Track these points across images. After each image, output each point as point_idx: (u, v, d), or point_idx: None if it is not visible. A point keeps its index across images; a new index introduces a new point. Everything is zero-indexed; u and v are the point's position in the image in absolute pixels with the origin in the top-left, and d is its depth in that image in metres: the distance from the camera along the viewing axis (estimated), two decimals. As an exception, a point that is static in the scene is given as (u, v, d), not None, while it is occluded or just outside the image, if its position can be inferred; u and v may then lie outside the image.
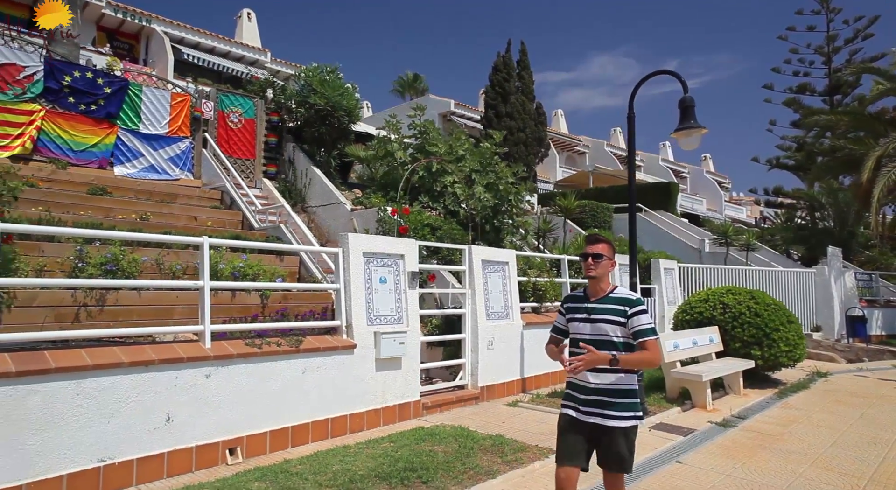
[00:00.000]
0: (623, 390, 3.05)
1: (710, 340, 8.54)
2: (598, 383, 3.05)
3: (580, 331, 3.18)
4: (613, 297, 3.16)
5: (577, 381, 3.16)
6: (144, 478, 4.40)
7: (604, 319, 3.10)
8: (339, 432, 5.75)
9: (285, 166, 12.65)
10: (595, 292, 3.21)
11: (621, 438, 3.02)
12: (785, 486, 4.69)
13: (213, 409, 4.84)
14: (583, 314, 3.18)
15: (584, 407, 3.09)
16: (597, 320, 3.12)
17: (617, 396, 3.04)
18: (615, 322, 3.08)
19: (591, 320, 3.14)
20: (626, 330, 3.07)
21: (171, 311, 6.27)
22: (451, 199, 10.48)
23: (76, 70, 9.91)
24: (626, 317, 3.06)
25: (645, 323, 3.04)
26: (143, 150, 10.69)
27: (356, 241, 6.23)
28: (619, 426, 3.01)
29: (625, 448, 3.03)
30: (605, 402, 3.04)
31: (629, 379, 3.09)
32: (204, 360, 4.83)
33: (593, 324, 3.13)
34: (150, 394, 4.49)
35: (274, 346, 5.32)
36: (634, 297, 3.15)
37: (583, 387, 3.12)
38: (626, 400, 3.05)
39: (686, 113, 6.56)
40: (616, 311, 3.09)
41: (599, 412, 3.04)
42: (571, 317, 3.25)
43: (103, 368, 4.25)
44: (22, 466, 3.85)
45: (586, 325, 3.15)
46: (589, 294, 3.24)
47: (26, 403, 3.89)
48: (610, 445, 3.03)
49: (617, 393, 3.04)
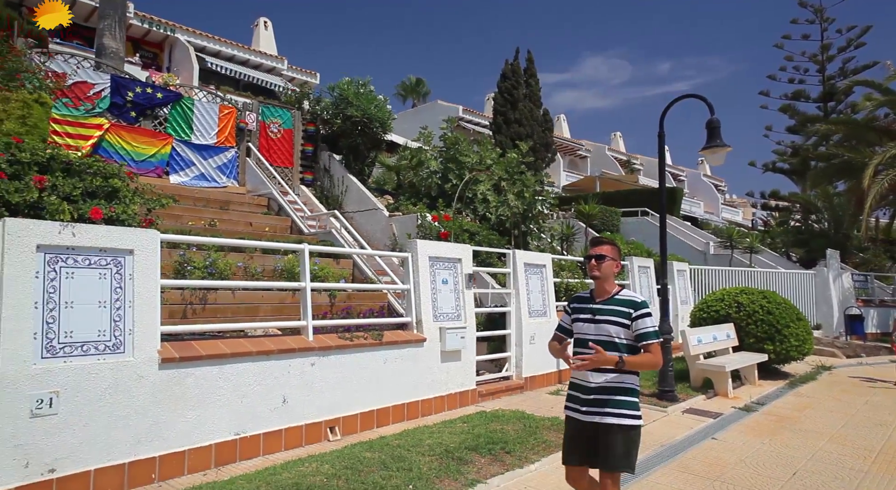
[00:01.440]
0: (624, 389, 3.07)
1: (727, 336, 9.38)
2: (599, 382, 3.07)
3: (584, 331, 3.20)
4: (619, 298, 3.17)
5: (579, 381, 3.19)
6: (268, 450, 5.16)
7: (608, 320, 3.12)
8: (413, 415, 6.52)
9: (321, 174, 13.40)
10: (601, 293, 3.24)
11: (619, 436, 3.01)
12: (808, 456, 5.50)
13: (316, 393, 5.60)
14: (588, 314, 3.21)
15: (585, 406, 3.11)
16: (601, 321, 3.14)
17: (617, 394, 3.06)
18: (619, 323, 3.09)
19: (595, 321, 3.16)
20: (629, 332, 3.08)
21: (258, 309, 7.02)
22: (483, 205, 11.26)
23: (138, 86, 10.63)
24: (631, 319, 3.08)
25: (649, 326, 3.06)
26: (195, 159, 11.42)
27: (423, 246, 7.01)
28: (616, 424, 3.01)
29: (621, 446, 3.01)
30: (605, 401, 3.06)
31: (631, 378, 3.11)
32: (310, 350, 5.59)
33: (597, 324, 3.14)
34: (270, 378, 5.25)
35: (362, 340, 6.08)
36: (640, 300, 3.15)
37: (584, 386, 3.14)
38: (627, 398, 3.07)
39: (713, 133, 7.38)
40: (621, 312, 3.11)
41: (599, 411, 3.06)
42: (577, 317, 3.28)
43: (237, 356, 5.01)
44: (184, 436, 4.60)
45: (590, 326, 3.17)
46: (595, 295, 3.27)
47: (185, 382, 4.65)
48: (606, 443, 3.02)
49: (617, 391, 3.06)
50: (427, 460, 4.79)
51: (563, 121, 39.27)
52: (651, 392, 7.88)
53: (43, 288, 4.03)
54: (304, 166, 13.35)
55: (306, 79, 25.53)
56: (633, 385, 3.10)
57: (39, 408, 3.90)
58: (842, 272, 17.40)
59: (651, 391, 7.91)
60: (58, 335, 4.06)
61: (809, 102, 34.13)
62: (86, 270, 4.25)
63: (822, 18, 34.22)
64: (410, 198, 12.25)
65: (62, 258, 4.14)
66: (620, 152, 39.80)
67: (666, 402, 7.45)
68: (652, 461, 5.29)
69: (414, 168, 12.15)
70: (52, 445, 3.95)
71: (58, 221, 4.16)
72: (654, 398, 7.64)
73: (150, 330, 4.51)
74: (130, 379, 4.35)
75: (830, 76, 33.92)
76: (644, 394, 7.92)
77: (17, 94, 7.49)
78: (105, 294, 4.32)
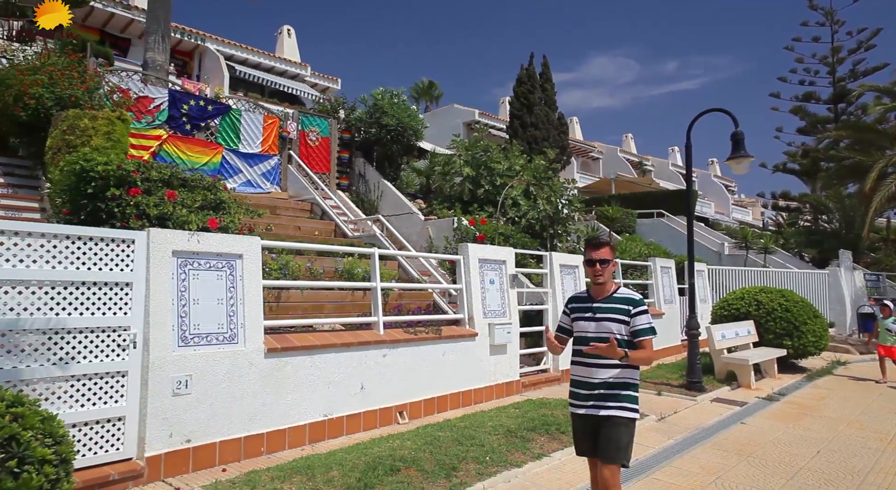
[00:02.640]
0: (625, 383, 3.20)
1: (747, 332, 9.99)
2: (603, 378, 3.19)
3: (585, 329, 3.30)
4: (618, 297, 3.29)
5: (582, 379, 3.29)
6: (350, 430, 5.85)
7: (608, 318, 3.23)
8: (467, 402, 7.20)
9: (356, 179, 14.10)
10: (599, 293, 3.35)
11: (620, 429, 3.13)
12: (829, 439, 6.13)
13: (387, 381, 6.29)
14: (588, 313, 3.31)
15: (588, 401, 3.23)
16: (601, 319, 3.25)
17: (619, 389, 3.19)
18: (619, 320, 3.21)
19: (595, 319, 3.27)
20: (627, 328, 3.20)
21: (322, 307, 7.71)
22: (514, 209, 11.92)
23: (192, 99, 11.37)
24: (630, 316, 3.20)
25: (645, 323, 3.20)
26: (242, 166, 12.14)
27: (474, 249, 7.68)
28: (617, 416, 3.14)
29: (622, 438, 3.12)
30: (606, 395, 3.18)
31: (633, 374, 3.23)
32: (382, 343, 6.27)
33: (598, 322, 3.26)
34: (350, 367, 5.93)
35: (424, 334, 6.77)
36: (637, 298, 3.29)
37: (587, 382, 3.25)
38: (628, 392, 3.20)
39: (737, 145, 8.03)
40: (620, 310, 3.23)
41: (601, 405, 3.18)
42: (577, 316, 3.38)
43: (325, 347, 5.70)
44: (284, 416, 5.30)
45: (591, 324, 3.28)
46: (593, 294, 3.38)
47: (285, 370, 5.34)
48: (606, 436, 3.14)
49: (619, 386, 3.19)
50: (494, 438, 5.45)
51: (576, 123, 39.85)
52: (680, 383, 8.52)
53: (176, 287, 4.74)
54: (339, 172, 14.05)
55: (328, 85, 26.29)
56: (635, 381, 3.23)
57: (178, 388, 4.60)
58: (854, 272, 17.93)
59: (679, 383, 8.55)
60: (189, 327, 4.76)
61: (820, 104, 34.49)
62: (207, 272, 4.95)
63: (832, 21, 34.61)
64: (443, 202, 12.92)
65: (190, 262, 4.85)
66: (632, 153, 40.34)
67: (694, 392, 8.09)
68: (689, 441, 5.94)
69: (445, 174, 12.81)
70: (188, 420, 4.66)
71: (186, 231, 4.87)
72: (683, 389, 8.27)
73: (256, 323, 5.21)
74: (243, 366, 5.05)
75: (841, 78, 34.29)
76: (673, 385, 8.57)
77: (103, 112, 8.23)
78: (222, 293, 5.02)
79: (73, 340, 4.21)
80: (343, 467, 4.51)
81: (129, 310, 4.50)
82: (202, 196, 5.26)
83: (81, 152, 5.34)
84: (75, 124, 7.87)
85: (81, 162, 5.02)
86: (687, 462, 5.25)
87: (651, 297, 11.95)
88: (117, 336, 4.43)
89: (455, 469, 4.58)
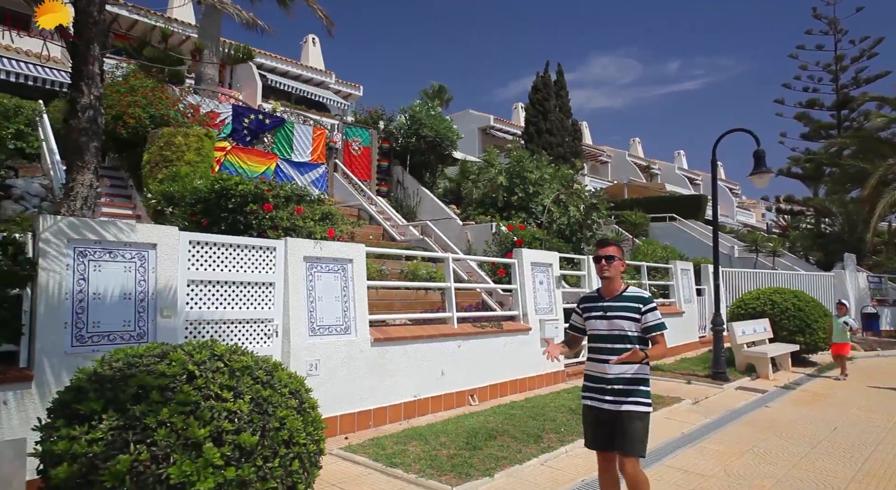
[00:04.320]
0: (638, 379, 3.32)
1: (763, 329, 10.97)
2: (616, 374, 3.31)
3: (597, 328, 3.42)
4: (627, 295, 3.42)
5: (596, 374, 3.42)
6: (433, 409, 6.82)
7: (620, 316, 3.35)
8: (522, 388, 8.18)
9: (394, 186, 15.08)
10: (609, 291, 3.47)
11: (636, 423, 3.25)
12: (843, 419, 7.11)
13: (461, 368, 7.27)
14: (599, 312, 3.43)
15: (603, 395, 3.34)
16: (613, 317, 3.36)
17: (633, 384, 3.30)
18: (630, 318, 3.33)
19: (607, 317, 3.38)
20: (639, 325, 3.33)
21: (392, 304, 8.68)
22: (546, 216, 12.90)
23: (251, 113, 12.35)
24: (641, 313, 3.33)
25: (657, 319, 3.34)
26: (294, 174, 13.12)
27: (527, 254, 8.66)
28: (634, 411, 3.26)
29: (638, 432, 3.25)
30: (621, 391, 3.29)
31: (643, 369, 3.35)
32: (457, 335, 7.26)
33: (609, 320, 3.37)
34: (433, 356, 6.91)
35: (489, 328, 7.75)
36: (646, 296, 3.43)
37: (601, 377, 3.37)
38: (641, 387, 3.33)
39: (759, 161, 9.01)
40: (631, 308, 3.35)
41: (616, 399, 3.29)
42: (589, 316, 3.49)
43: (414, 339, 6.69)
44: (387, 395, 6.28)
45: (603, 322, 3.40)
46: (603, 293, 3.50)
47: (385, 357, 6.32)
48: (624, 430, 3.25)
49: (633, 381, 3.30)
50: (561, 415, 6.44)
51: (586, 128, 40.78)
52: (705, 374, 9.50)
53: (306, 287, 5.72)
54: (379, 179, 15.04)
55: (350, 91, 27.23)
56: (648, 376, 3.38)
57: (310, 370, 5.58)
58: (858, 274, 18.91)
59: (705, 373, 9.53)
60: (316, 320, 5.75)
61: (823, 111, 35.51)
62: (327, 274, 5.93)
63: (835, 30, 35.58)
64: (477, 208, 13.90)
65: (315, 265, 5.83)
66: (640, 157, 41.30)
67: (720, 381, 9.06)
68: (723, 420, 6.92)
69: (479, 182, 13.78)
70: (318, 396, 5.61)
71: (311, 239, 5.85)
72: (709, 378, 9.25)
73: (363, 317, 6.19)
74: (355, 353, 6.03)
75: (844, 85, 35.27)
76: (699, 375, 9.55)
77: (193, 129, 9.21)
78: (338, 291, 6.01)
79: (234, 329, 5.19)
80: (448, 435, 5.50)
81: (272, 305, 5.49)
82: (318, 210, 6.24)
83: (178, 168, 6.34)
84: (171, 141, 8.85)
85: (220, 182, 6.00)
86: (726, 435, 6.23)
87: (672, 297, 12.92)
88: (264, 326, 5.42)
89: (539, 437, 5.56)
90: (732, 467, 5.12)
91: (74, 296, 4.20)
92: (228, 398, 2.83)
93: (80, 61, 4.81)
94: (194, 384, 2.84)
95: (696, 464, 5.20)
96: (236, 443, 2.69)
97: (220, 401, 2.81)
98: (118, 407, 2.68)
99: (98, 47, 4.84)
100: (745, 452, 5.58)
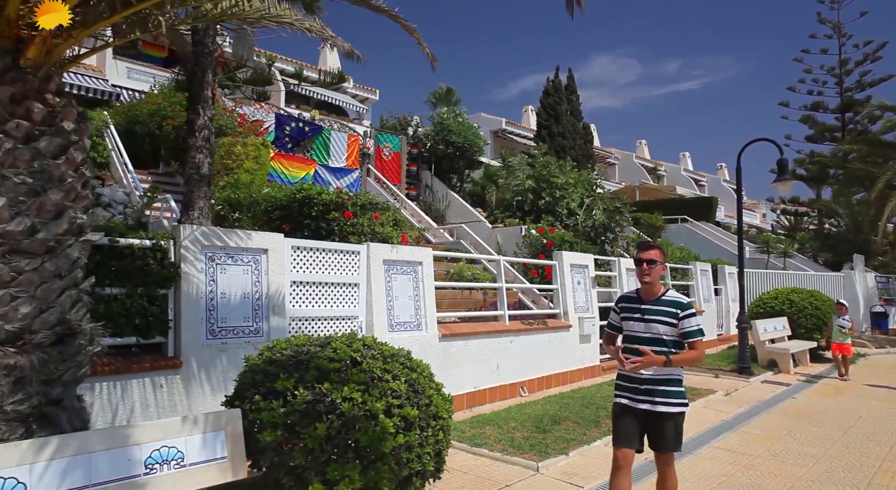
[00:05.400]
0: (671, 380, 3.35)
1: (783, 327, 11.58)
2: (648, 374, 3.34)
3: (634, 329, 3.45)
4: (666, 299, 3.41)
5: (628, 373, 3.46)
6: (490, 399, 7.42)
7: (657, 320, 3.36)
8: (565, 381, 8.77)
9: (423, 190, 15.69)
10: (649, 294, 3.46)
11: (670, 423, 3.31)
12: (865, 409, 7.71)
13: (512, 362, 7.87)
14: (637, 314, 3.44)
15: (636, 395, 3.39)
16: (650, 320, 3.38)
17: (665, 385, 3.33)
18: (667, 323, 3.34)
19: (644, 320, 3.40)
20: (675, 330, 3.34)
21: (441, 303, 9.25)
22: (572, 219, 13.50)
23: (292, 122, 12.96)
24: (678, 319, 3.33)
25: (694, 325, 3.33)
26: (331, 179, 13.72)
27: (567, 256, 9.27)
28: (668, 411, 3.30)
29: (673, 431, 3.32)
30: (654, 391, 3.32)
31: (678, 370, 3.39)
32: (509, 332, 7.86)
33: (647, 323, 3.39)
34: (489, 350, 7.51)
35: (536, 325, 8.35)
36: (685, 301, 3.41)
37: (634, 377, 3.42)
38: (674, 388, 3.35)
39: (782, 169, 9.64)
40: (669, 313, 3.35)
41: (650, 400, 3.33)
42: (626, 316, 3.53)
43: (473, 334, 7.29)
44: (453, 386, 6.86)
45: (640, 324, 3.42)
46: (642, 295, 3.49)
47: (450, 350, 6.92)
48: (660, 429, 3.32)
49: (665, 382, 3.33)
50: (609, 404, 6.99)
51: (593, 130, 41.38)
52: (731, 369, 10.10)
53: (385, 287, 6.32)
54: (408, 183, 15.64)
55: (367, 95, 27.82)
56: (680, 376, 3.40)
57: (392, 362, 6.17)
58: (866, 274, 19.53)
59: (731, 368, 10.13)
60: (393, 317, 6.35)
61: (828, 113, 36.15)
62: (401, 276, 6.54)
63: (839, 34, 36.22)
64: (505, 211, 14.50)
65: (392, 268, 6.43)
66: (646, 159, 41.93)
67: (746, 375, 9.66)
68: (756, 409, 7.52)
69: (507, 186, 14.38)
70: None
71: (388, 244, 6.45)
72: (735, 373, 9.85)
73: (433, 315, 6.80)
74: (427, 347, 6.63)
75: (848, 88, 35.88)
76: (725, 370, 10.15)
77: (250, 139, 9.81)
78: (411, 291, 6.61)
79: (327, 326, 5.79)
80: (516, 421, 6.10)
81: (357, 304, 6.08)
82: (391, 216, 6.84)
83: (238, 175, 6.91)
84: (231, 150, 9.45)
85: (303, 191, 6.60)
86: (761, 422, 6.84)
87: (693, 296, 13.52)
88: (351, 323, 6.02)
89: (598, 422, 6.16)
90: (775, 448, 5.72)
91: (206, 295, 4.80)
92: (388, 379, 3.43)
93: (197, 87, 5.40)
94: (359, 368, 3.44)
95: (742, 446, 5.80)
96: (402, 415, 3.29)
97: (383, 381, 3.41)
98: (306, 385, 3.29)
99: (211, 74, 5.43)
100: (783, 436, 6.19)
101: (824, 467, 5.17)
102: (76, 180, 2.73)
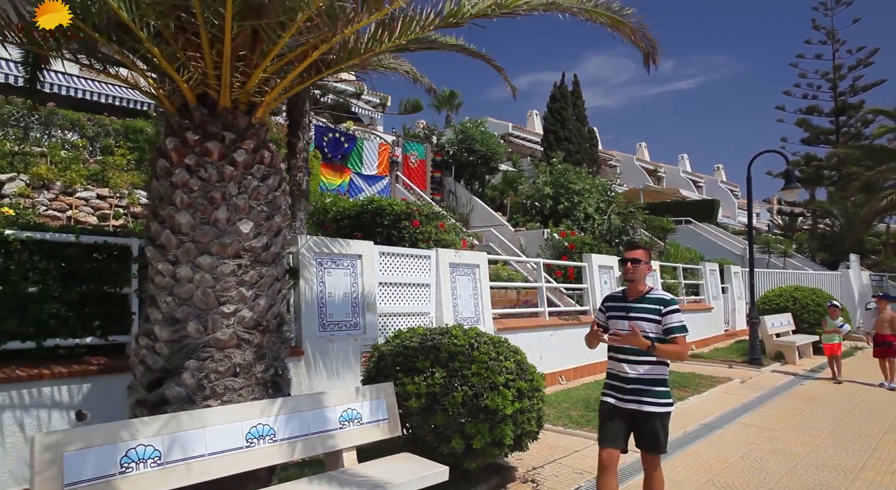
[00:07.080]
0: (656, 380, 3.39)
1: (787, 322, 12.57)
2: (634, 374, 3.41)
3: (618, 327, 3.53)
4: (650, 297, 3.49)
5: (616, 372, 3.56)
6: (535, 387, 8.34)
7: (641, 317, 3.42)
8: (595, 372, 9.68)
9: (447, 195, 16.60)
10: (633, 293, 3.55)
11: (657, 422, 3.34)
12: (866, 393, 8.68)
13: (553, 353, 8.79)
14: (622, 313, 3.53)
15: (623, 394, 3.45)
16: (634, 318, 3.43)
17: (652, 385, 3.38)
18: (651, 319, 3.40)
19: (628, 318, 3.46)
20: (659, 326, 3.37)
21: (480, 301, 10.18)
22: (588, 222, 14.45)
23: (329, 132, 13.84)
24: (661, 315, 3.38)
25: (677, 321, 3.36)
26: (363, 186, 14.61)
27: (595, 258, 10.20)
28: (655, 411, 3.33)
29: (660, 431, 3.35)
30: (642, 391, 3.38)
31: (661, 370, 3.42)
32: (549, 326, 8.79)
33: (630, 321, 3.43)
34: (533, 343, 8.43)
35: (571, 320, 9.28)
36: (668, 298, 3.48)
37: (621, 377, 3.49)
38: (660, 388, 3.39)
39: (790, 178, 10.60)
40: (652, 309, 3.42)
41: (637, 399, 3.37)
42: (612, 315, 3.62)
43: (520, 328, 8.21)
44: (506, 374, 7.79)
45: (624, 322, 3.47)
46: (627, 294, 3.59)
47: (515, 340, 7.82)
48: (647, 429, 3.37)
49: (651, 382, 3.38)
50: (643, 390, 7.97)
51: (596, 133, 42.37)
52: (742, 360, 11.07)
53: (451, 287, 7.22)
54: (432, 189, 16.54)
55: (378, 101, 28.72)
56: (665, 376, 3.44)
57: (458, 352, 7.07)
58: (861, 273, 20.58)
59: (742, 360, 11.10)
60: (458, 313, 7.25)
61: (822, 117, 37.31)
62: (463, 277, 7.44)
63: (833, 40, 37.39)
64: (524, 215, 15.43)
65: (456, 270, 7.34)
66: (646, 161, 42.98)
67: (756, 365, 10.63)
68: (770, 394, 8.47)
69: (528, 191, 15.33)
70: (464, 373, 7.14)
71: (452, 249, 7.35)
72: (746, 364, 10.81)
73: (489, 311, 7.71)
74: (484, 339, 7.53)
75: (842, 92, 37.05)
76: (736, 361, 11.12)
77: (305, 152, 10.66)
78: (471, 290, 7.52)
79: (406, 321, 6.69)
80: (568, 402, 7.03)
81: (428, 301, 6.98)
82: (453, 225, 7.75)
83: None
84: (287, 162, 10.30)
85: (374, 203, 7.50)
86: (776, 403, 7.79)
87: (702, 294, 14.49)
88: (423, 318, 6.91)
89: (638, 403, 7.09)
90: (791, 424, 6.68)
91: (318, 295, 5.69)
92: (501, 360, 4.35)
93: (298, 114, 6.28)
94: (478, 350, 4.35)
95: (763, 421, 6.75)
96: (516, 387, 4.20)
97: (497, 361, 4.32)
98: (440, 364, 4.19)
99: (308, 103, 6.32)
100: (797, 415, 7.14)
101: (836, 438, 6.12)
102: (287, 206, 3.62)
